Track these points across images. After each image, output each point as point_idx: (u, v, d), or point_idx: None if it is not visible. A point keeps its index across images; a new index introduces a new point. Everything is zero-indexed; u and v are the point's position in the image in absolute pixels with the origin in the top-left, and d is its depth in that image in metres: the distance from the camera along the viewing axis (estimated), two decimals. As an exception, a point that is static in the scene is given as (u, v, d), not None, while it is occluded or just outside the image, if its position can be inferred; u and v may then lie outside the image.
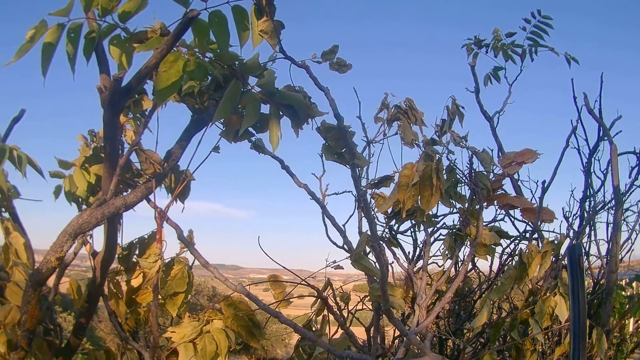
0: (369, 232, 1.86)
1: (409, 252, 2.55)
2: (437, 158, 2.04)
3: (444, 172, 2.09)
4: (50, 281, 2.10)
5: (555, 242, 2.39)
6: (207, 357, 1.97)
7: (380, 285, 1.99)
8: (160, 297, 2.10)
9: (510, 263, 2.32)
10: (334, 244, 2.44)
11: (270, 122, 2.02)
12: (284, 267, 1.99)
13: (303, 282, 2.02)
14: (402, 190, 2.06)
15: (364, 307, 2.49)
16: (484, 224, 2.35)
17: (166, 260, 2.12)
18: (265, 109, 2.07)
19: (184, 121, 2.21)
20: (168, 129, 2.21)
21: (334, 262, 2.14)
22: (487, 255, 2.35)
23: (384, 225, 2.52)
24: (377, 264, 2.01)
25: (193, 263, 2.07)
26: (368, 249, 2.18)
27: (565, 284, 2.48)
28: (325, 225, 2.41)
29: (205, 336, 1.96)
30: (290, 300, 2.50)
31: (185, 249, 2.12)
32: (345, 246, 2.34)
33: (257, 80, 2.06)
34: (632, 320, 3.08)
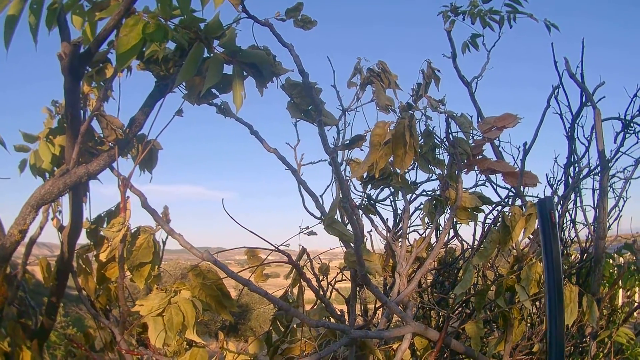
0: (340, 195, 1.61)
1: (387, 219, 2.28)
2: (410, 114, 1.77)
3: (417, 130, 1.82)
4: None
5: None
6: (174, 328, 1.72)
7: (355, 249, 1.73)
8: (127, 269, 1.85)
9: (493, 228, 2.05)
10: (312, 215, 2.17)
11: (233, 82, 1.79)
12: (253, 232, 1.73)
13: (275, 249, 1.76)
14: (375, 150, 1.81)
15: (344, 278, 2.22)
16: (464, 189, 2.08)
17: (133, 231, 1.86)
18: (229, 70, 1.83)
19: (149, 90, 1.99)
20: (135, 99, 1.99)
21: (307, 227, 1.87)
22: (469, 221, 2.07)
23: (362, 193, 2.26)
24: (349, 226, 1.73)
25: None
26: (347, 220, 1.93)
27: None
28: (302, 196, 2.15)
29: (171, 307, 1.71)
30: (268, 274, 2.24)
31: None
32: (322, 216, 2.08)
33: (219, 41, 1.82)
34: (621, 291, 2.78)
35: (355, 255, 1.76)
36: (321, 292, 2.16)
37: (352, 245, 1.77)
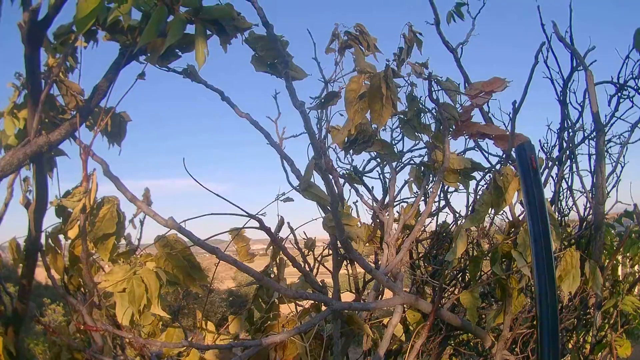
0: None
1: (372, 187, 2.04)
2: (386, 65, 1.54)
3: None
4: None
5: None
6: (136, 301, 1.49)
7: (332, 212, 1.49)
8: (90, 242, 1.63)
9: (484, 190, 1.79)
10: (295, 189, 1.92)
11: (196, 40, 1.59)
12: (223, 197, 1.50)
13: (247, 215, 1.52)
14: (350, 106, 1.57)
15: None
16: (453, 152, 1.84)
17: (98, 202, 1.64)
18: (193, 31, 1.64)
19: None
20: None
21: (283, 194, 1.63)
22: (459, 185, 1.82)
23: (348, 165, 2.02)
24: (325, 187, 1.49)
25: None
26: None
27: (550, 214, 1.92)
28: (285, 171, 1.91)
29: (133, 278, 1.47)
30: (254, 253, 2.00)
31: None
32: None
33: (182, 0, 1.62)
34: (621, 266, 2.49)
35: (333, 218, 1.52)
36: (307, 268, 1.91)
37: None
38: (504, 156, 2.00)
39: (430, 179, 1.92)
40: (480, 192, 2.06)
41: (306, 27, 2.03)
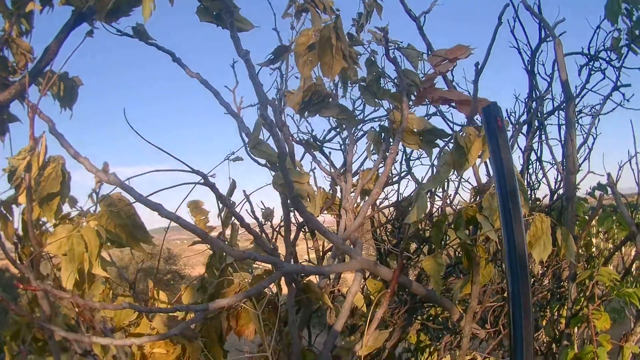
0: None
1: (330, 152, 1.98)
2: (336, 15, 1.50)
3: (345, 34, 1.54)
4: None
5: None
6: (76, 260, 1.42)
7: (280, 167, 1.42)
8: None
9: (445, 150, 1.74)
10: (256, 162, 1.86)
11: (142, -6, 1.54)
12: (167, 152, 1.44)
13: (191, 171, 1.46)
14: (300, 61, 1.52)
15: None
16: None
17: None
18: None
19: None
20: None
21: (233, 153, 1.58)
22: (419, 147, 1.76)
23: (309, 135, 1.97)
24: (272, 140, 1.44)
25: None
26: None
27: (518, 179, 1.85)
28: (243, 141, 1.85)
29: (72, 236, 1.40)
30: (213, 226, 1.94)
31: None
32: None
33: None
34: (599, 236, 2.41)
35: (282, 175, 1.46)
36: (263, 236, 1.85)
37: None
38: (466, 121, 1.95)
39: (391, 143, 1.86)
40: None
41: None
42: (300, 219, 1.83)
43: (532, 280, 2.15)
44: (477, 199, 1.81)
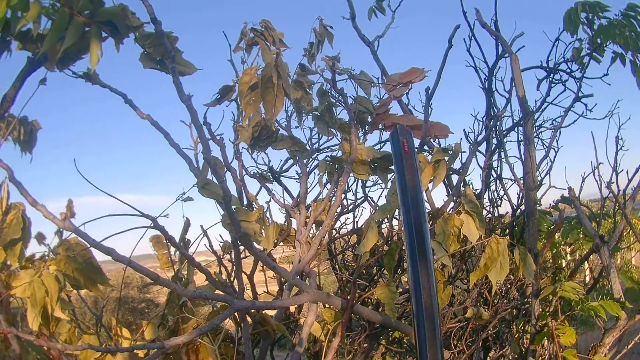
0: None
1: (282, 189, 2.01)
2: (276, 53, 1.54)
3: (287, 70, 1.58)
4: None
5: (450, 151, 1.83)
6: (38, 304, 1.51)
7: (225, 208, 1.47)
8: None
9: (394, 179, 1.76)
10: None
11: (90, 42, 1.61)
12: (120, 200, 1.49)
13: (142, 215, 1.51)
14: (243, 101, 1.57)
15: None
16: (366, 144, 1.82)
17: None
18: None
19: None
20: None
21: (184, 193, 1.63)
22: (369, 175, 1.80)
23: (266, 166, 2.00)
24: (215, 179, 1.49)
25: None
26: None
27: (470, 200, 1.89)
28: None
29: (34, 281, 1.48)
30: (175, 260, 1.98)
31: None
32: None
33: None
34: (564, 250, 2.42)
35: (227, 215, 1.50)
36: (225, 272, 1.89)
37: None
38: (419, 145, 1.97)
39: (341, 170, 1.89)
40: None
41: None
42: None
43: (497, 297, 2.17)
44: (431, 225, 1.84)
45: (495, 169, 2.35)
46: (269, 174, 2.05)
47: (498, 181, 2.36)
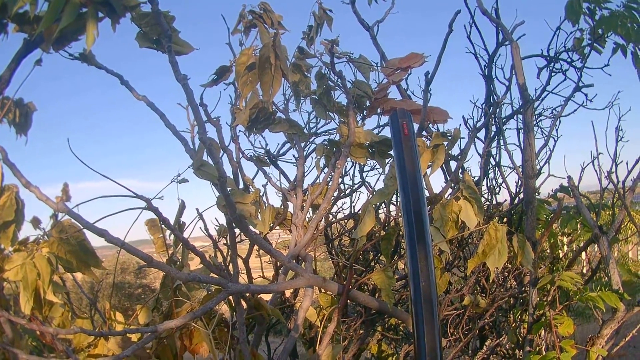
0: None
1: (279, 172, 2.00)
2: (274, 33, 1.53)
3: (285, 52, 1.57)
4: None
5: (449, 137, 1.82)
6: (29, 287, 1.50)
7: (220, 189, 1.46)
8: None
9: (392, 163, 1.76)
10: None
11: (87, 23, 1.60)
12: (111, 179, 1.48)
13: (134, 196, 1.50)
14: (240, 81, 1.56)
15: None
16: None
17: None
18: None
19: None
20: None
21: (179, 175, 1.62)
22: (367, 158, 1.79)
23: (263, 149, 2.00)
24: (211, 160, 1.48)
25: None
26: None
27: (468, 186, 1.89)
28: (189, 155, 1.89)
29: (26, 264, 1.47)
30: (170, 243, 1.98)
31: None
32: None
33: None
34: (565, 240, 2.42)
35: (223, 197, 1.50)
36: (220, 256, 1.88)
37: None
38: (417, 130, 1.97)
39: (338, 153, 1.89)
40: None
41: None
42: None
43: (494, 285, 2.17)
44: (429, 210, 1.83)
45: (494, 156, 2.35)
46: (266, 157, 2.05)
47: (497, 168, 2.37)
